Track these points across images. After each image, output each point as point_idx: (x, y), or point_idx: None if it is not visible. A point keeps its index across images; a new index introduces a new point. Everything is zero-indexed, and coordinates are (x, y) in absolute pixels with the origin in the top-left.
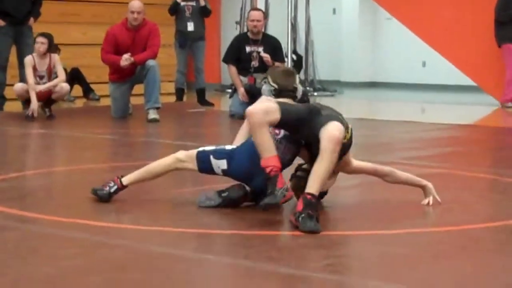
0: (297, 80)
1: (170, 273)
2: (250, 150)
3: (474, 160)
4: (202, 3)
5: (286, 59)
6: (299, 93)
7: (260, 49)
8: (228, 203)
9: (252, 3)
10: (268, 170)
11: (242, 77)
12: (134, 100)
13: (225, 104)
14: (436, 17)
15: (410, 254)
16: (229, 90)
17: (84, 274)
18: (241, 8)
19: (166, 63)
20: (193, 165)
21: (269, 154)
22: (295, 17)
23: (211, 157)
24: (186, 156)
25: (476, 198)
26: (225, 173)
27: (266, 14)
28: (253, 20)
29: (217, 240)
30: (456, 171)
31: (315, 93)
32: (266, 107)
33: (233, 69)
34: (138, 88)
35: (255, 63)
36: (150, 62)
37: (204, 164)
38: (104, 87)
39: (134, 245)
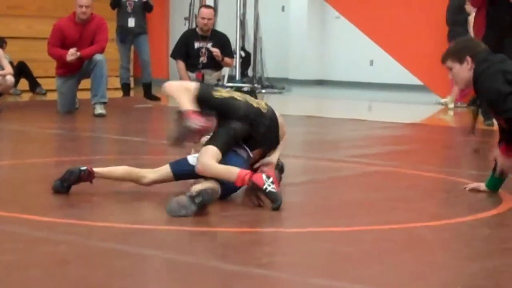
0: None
1: (113, 269)
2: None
3: (420, 159)
4: None
5: (234, 56)
6: None
7: (209, 45)
8: (202, 209)
9: (201, 0)
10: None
11: (190, 73)
12: (80, 95)
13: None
14: (384, 16)
15: (354, 252)
16: None
17: (24, 268)
18: (190, 4)
19: (114, 58)
20: (167, 170)
21: (235, 175)
22: (243, 14)
23: (188, 156)
24: (159, 168)
25: (421, 197)
26: None
27: (215, 11)
28: (203, 18)
29: (162, 236)
30: (402, 169)
31: (263, 91)
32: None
33: (181, 64)
34: (85, 83)
35: (203, 59)
36: (97, 57)
37: (178, 163)
38: (51, 81)
39: (78, 240)
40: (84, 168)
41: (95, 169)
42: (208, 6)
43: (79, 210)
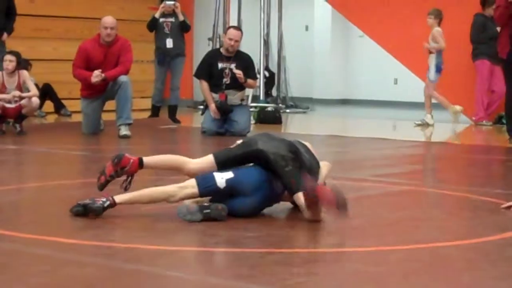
0: None
1: None
2: (257, 171)
3: (444, 178)
4: (181, 17)
5: (258, 76)
6: None
7: (233, 65)
8: (206, 220)
9: (224, 20)
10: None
11: (213, 94)
12: (106, 116)
13: (197, 120)
14: (408, 34)
15: (379, 272)
16: (201, 107)
17: None
18: (214, 25)
19: (139, 79)
20: (194, 188)
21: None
22: (267, 34)
23: (215, 173)
24: (186, 183)
25: (446, 216)
26: (229, 183)
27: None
28: (231, 39)
29: (188, 257)
30: (427, 188)
31: (287, 110)
32: None
33: (205, 84)
34: (110, 104)
35: (227, 80)
36: (122, 78)
37: (205, 181)
38: (76, 103)
39: (104, 262)
40: (107, 204)
41: (118, 200)
42: (237, 28)
43: (104, 232)
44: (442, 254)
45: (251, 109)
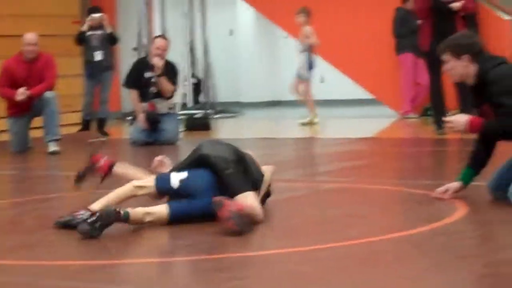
0: None
1: None
2: (209, 173)
3: (375, 173)
4: (109, 30)
5: (185, 83)
6: None
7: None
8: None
9: (148, 29)
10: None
11: (142, 104)
12: (35, 133)
13: (126, 132)
14: (332, 32)
15: (312, 271)
16: (129, 118)
17: None
18: (138, 34)
19: (66, 94)
20: (151, 187)
21: None
22: (192, 41)
23: (172, 173)
24: (145, 182)
25: (377, 210)
26: (182, 183)
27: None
28: (158, 48)
29: (121, 271)
30: (357, 184)
31: (216, 116)
32: None
33: (135, 93)
34: (39, 121)
35: (154, 89)
36: (48, 94)
37: (162, 181)
38: (2, 122)
39: (36, 282)
40: (86, 216)
41: (94, 209)
42: (163, 37)
43: (36, 250)
44: (375, 248)
45: (180, 117)
